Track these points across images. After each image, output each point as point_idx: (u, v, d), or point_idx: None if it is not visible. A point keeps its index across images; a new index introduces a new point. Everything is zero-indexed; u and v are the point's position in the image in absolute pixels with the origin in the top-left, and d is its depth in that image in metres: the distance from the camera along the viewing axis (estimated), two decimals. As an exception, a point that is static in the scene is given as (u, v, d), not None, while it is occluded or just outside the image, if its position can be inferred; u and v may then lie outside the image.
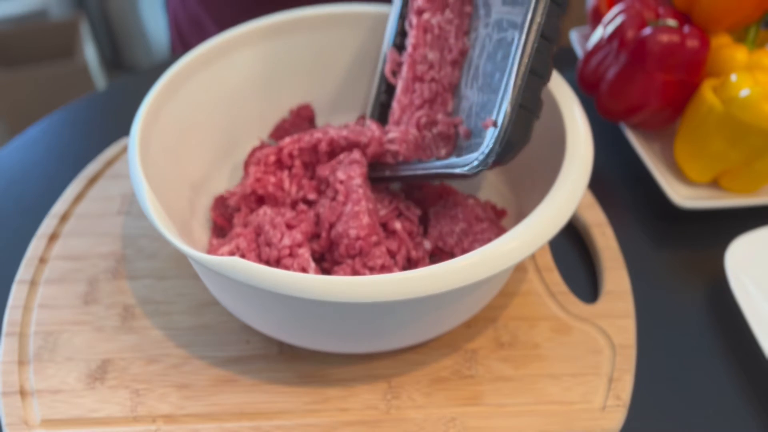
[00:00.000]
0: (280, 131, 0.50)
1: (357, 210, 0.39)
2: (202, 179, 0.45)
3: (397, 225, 0.41)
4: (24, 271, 0.44)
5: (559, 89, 0.41)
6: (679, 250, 0.49)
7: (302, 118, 0.50)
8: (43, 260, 0.45)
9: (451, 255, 0.41)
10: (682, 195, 0.49)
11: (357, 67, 0.50)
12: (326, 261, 0.41)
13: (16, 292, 0.43)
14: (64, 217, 0.48)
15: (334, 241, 0.40)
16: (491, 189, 0.48)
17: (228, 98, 0.47)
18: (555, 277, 0.44)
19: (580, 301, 0.43)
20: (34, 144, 0.57)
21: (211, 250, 0.41)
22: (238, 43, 0.46)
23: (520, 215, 0.43)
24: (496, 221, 0.43)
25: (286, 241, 0.39)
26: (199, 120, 0.44)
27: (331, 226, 0.40)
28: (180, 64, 0.42)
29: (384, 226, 0.41)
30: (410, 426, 0.36)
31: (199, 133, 0.45)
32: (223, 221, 0.44)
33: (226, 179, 0.47)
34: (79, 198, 0.49)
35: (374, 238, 0.39)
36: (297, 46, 0.48)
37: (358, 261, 0.39)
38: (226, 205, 0.45)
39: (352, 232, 0.38)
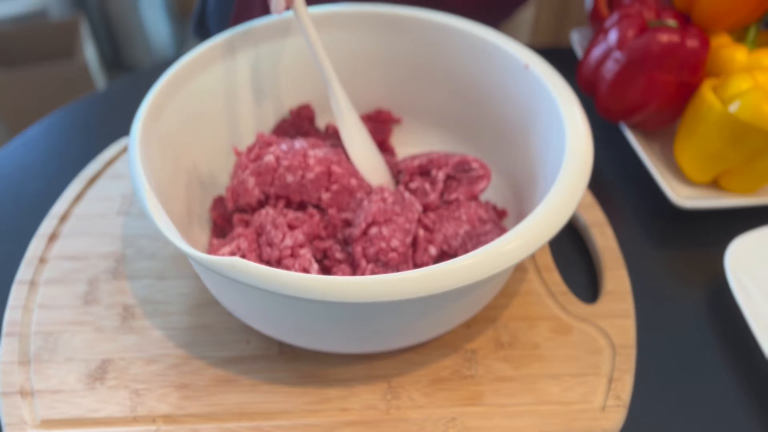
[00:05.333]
0: (280, 131, 0.50)
1: (408, 228, 0.39)
2: (203, 179, 0.45)
3: (420, 232, 0.41)
4: (24, 271, 0.44)
5: (559, 89, 0.41)
6: (679, 250, 0.49)
7: (302, 118, 0.50)
8: (43, 260, 0.45)
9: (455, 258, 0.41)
10: (682, 195, 0.49)
11: (357, 67, 0.50)
12: (328, 258, 0.41)
13: (16, 292, 0.43)
14: (63, 217, 0.48)
15: (367, 236, 0.40)
16: (492, 189, 0.48)
17: (228, 98, 0.47)
18: (555, 277, 0.44)
19: (580, 301, 0.43)
20: (34, 144, 0.57)
21: (212, 251, 0.41)
22: (239, 43, 0.46)
23: (521, 215, 0.43)
24: (499, 222, 0.43)
25: (288, 242, 0.39)
26: (200, 120, 0.44)
27: (373, 224, 0.40)
28: (180, 64, 0.42)
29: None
30: (410, 426, 0.36)
31: (199, 133, 0.45)
32: (223, 221, 0.44)
33: (226, 179, 0.47)
34: (78, 198, 0.49)
35: (403, 259, 0.39)
36: (297, 45, 0.48)
37: (371, 266, 0.39)
38: (226, 205, 0.45)
39: (394, 243, 0.39)
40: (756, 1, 0.49)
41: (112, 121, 0.58)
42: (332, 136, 0.49)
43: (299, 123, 0.50)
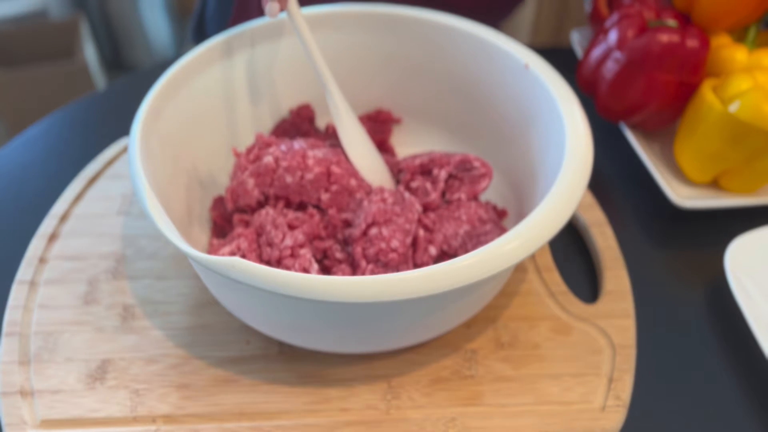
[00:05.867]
0: (280, 131, 0.50)
1: (408, 228, 0.39)
2: (202, 179, 0.45)
3: (420, 232, 0.41)
4: (24, 271, 0.44)
5: (559, 89, 0.41)
6: (679, 250, 0.49)
7: (302, 118, 0.50)
8: (43, 260, 0.45)
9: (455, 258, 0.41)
10: (681, 195, 0.49)
11: (356, 67, 0.50)
12: (328, 258, 0.41)
13: (16, 292, 0.43)
14: (63, 217, 0.48)
15: (367, 237, 0.40)
16: (492, 189, 0.48)
17: (228, 98, 0.47)
18: (555, 277, 0.44)
19: (580, 301, 0.43)
20: (34, 144, 0.57)
21: (212, 251, 0.41)
22: (238, 43, 0.46)
23: (521, 215, 0.43)
24: (499, 222, 0.43)
25: (288, 242, 0.39)
26: (200, 120, 0.44)
27: (373, 225, 0.40)
28: (180, 64, 0.42)
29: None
30: (410, 426, 0.36)
31: (199, 133, 0.45)
32: (223, 221, 0.44)
33: (226, 179, 0.47)
34: (78, 198, 0.49)
35: (403, 259, 0.39)
36: (296, 45, 0.48)
37: (371, 267, 0.39)
38: (226, 206, 0.45)
39: (394, 243, 0.39)
40: (756, 1, 0.49)
41: (112, 121, 0.58)
42: (332, 136, 0.49)
43: (299, 123, 0.50)
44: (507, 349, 0.40)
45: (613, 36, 0.51)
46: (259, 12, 0.62)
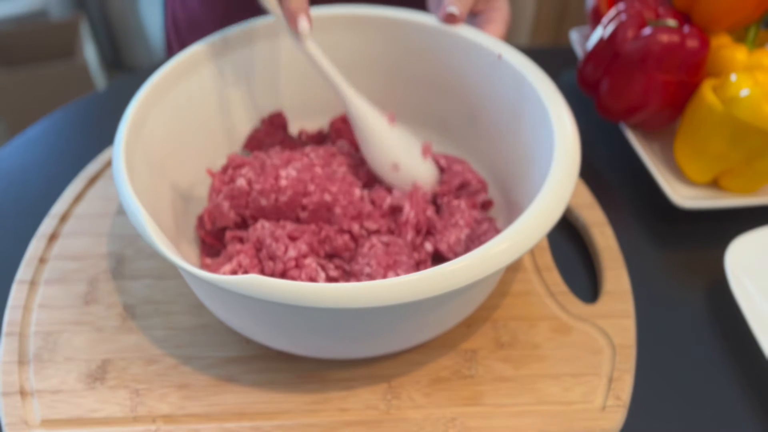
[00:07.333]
0: (253, 141, 0.49)
1: (412, 263, 0.39)
2: (185, 195, 0.45)
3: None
4: (24, 271, 0.44)
5: (547, 92, 0.40)
6: (679, 250, 0.49)
7: (275, 126, 0.49)
8: (43, 260, 0.45)
9: None
10: (682, 195, 0.49)
11: (340, 69, 0.49)
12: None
13: (16, 292, 0.43)
14: (63, 217, 0.48)
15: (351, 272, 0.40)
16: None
17: (207, 109, 0.46)
18: (555, 277, 0.44)
19: (580, 301, 0.43)
20: (34, 144, 0.57)
21: (210, 271, 0.40)
22: (214, 51, 0.45)
23: (510, 214, 0.44)
24: (492, 220, 0.43)
25: (292, 253, 0.38)
26: (183, 130, 0.44)
27: (388, 270, 0.39)
28: (161, 72, 0.41)
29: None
30: (410, 426, 0.36)
31: (181, 146, 0.44)
32: (213, 240, 0.43)
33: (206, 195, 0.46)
34: (79, 198, 0.49)
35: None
36: (271, 50, 0.47)
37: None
38: (205, 227, 0.44)
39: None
40: (756, 1, 0.49)
41: (112, 121, 0.58)
42: (306, 142, 0.49)
43: (273, 132, 0.49)
44: (507, 349, 0.40)
45: (612, 36, 0.51)
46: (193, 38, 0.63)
